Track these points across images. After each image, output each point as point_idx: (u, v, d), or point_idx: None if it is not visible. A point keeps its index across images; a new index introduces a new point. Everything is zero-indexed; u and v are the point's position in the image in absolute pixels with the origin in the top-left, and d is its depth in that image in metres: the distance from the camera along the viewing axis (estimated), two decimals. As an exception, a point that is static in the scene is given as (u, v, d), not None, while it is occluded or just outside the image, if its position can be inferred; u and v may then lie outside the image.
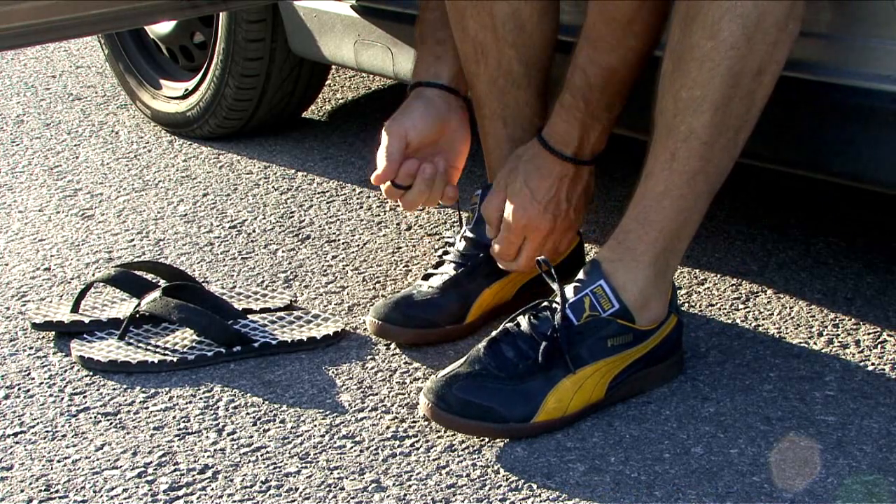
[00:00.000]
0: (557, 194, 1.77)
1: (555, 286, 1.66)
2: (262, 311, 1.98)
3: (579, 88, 1.71)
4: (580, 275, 1.68)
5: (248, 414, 1.71)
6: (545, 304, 1.67)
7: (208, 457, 1.61)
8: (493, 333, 1.67)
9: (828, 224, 2.24)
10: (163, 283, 1.96)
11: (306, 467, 1.58)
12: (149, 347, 1.86)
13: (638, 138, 1.77)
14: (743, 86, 1.57)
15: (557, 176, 1.76)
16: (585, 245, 2.02)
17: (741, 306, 1.95)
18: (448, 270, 1.91)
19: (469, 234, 1.91)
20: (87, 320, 1.94)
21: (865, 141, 1.73)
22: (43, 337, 1.94)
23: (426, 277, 1.93)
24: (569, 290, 1.66)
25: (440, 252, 1.95)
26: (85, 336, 1.90)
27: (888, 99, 1.68)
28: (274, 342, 1.87)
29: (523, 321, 1.66)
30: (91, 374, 1.82)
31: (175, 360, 1.83)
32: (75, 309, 1.96)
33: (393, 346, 1.87)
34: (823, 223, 2.24)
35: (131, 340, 1.88)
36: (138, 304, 1.90)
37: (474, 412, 1.60)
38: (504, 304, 1.91)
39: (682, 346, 1.77)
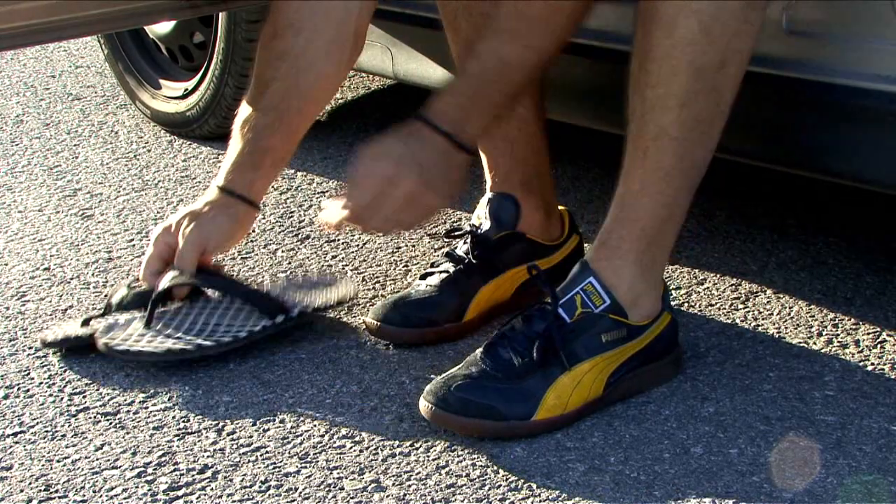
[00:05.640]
0: (413, 150, 1.68)
1: (545, 288, 1.67)
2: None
3: (472, 76, 1.68)
4: (570, 275, 1.69)
5: (248, 414, 1.71)
6: (538, 306, 1.68)
7: (208, 457, 1.61)
8: (490, 339, 1.68)
9: (828, 224, 2.24)
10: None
11: (306, 467, 1.58)
12: (175, 335, 1.81)
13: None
14: (707, 80, 1.58)
15: (418, 134, 1.68)
16: (586, 245, 2.02)
17: (741, 306, 1.95)
18: (445, 268, 1.91)
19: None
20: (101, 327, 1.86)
21: (865, 141, 1.73)
22: (43, 337, 1.94)
23: (423, 277, 1.93)
24: (560, 290, 1.67)
25: (441, 253, 1.95)
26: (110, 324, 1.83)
27: (888, 99, 1.68)
28: (308, 310, 1.87)
29: (517, 323, 1.67)
30: (91, 373, 1.81)
31: (212, 343, 1.79)
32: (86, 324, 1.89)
33: (393, 346, 1.87)
34: (823, 223, 2.24)
35: (157, 328, 1.82)
36: (158, 290, 1.83)
37: (474, 411, 1.60)
38: (502, 303, 1.91)
39: (681, 345, 1.77)
